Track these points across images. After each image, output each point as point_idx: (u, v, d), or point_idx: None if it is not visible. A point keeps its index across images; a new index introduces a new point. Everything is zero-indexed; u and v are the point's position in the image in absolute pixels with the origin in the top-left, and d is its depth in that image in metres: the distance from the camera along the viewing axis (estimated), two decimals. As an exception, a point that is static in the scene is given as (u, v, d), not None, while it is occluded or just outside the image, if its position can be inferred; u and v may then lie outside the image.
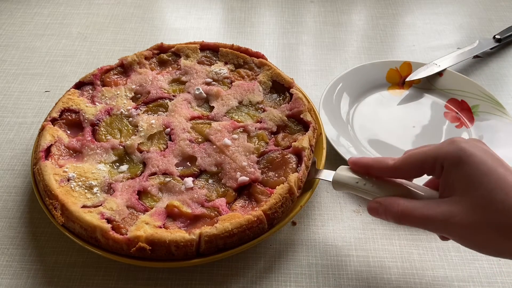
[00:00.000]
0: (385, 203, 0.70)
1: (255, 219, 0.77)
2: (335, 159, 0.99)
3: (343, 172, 0.78)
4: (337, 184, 0.78)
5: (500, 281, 0.81)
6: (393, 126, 1.07)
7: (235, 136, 0.92)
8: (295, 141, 0.90)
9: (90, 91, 1.03)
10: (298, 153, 0.88)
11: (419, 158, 0.68)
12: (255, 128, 0.94)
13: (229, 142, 0.90)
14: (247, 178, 0.85)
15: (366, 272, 0.82)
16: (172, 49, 1.11)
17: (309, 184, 0.86)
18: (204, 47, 1.12)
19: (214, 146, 0.91)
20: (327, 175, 0.82)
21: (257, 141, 0.92)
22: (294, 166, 0.87)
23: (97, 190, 0.84)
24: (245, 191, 0.85)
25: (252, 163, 0.88)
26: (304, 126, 0.96)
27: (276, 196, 0.80)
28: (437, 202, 0.65)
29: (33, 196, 0.93)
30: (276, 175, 0.86)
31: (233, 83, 1.04)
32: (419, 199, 0.68)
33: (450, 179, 0.64)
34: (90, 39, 1.33)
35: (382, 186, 0.73)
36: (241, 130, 0.94)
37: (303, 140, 0.89)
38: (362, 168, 0.75)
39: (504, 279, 0.81)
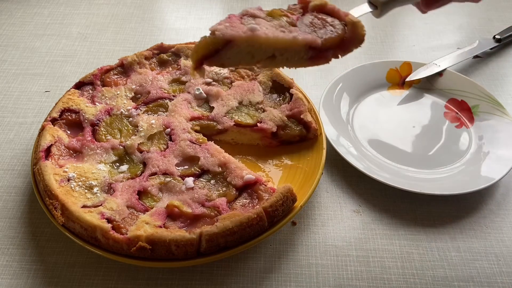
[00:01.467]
0: None
1: (255, 216, 0.77)
2: (335, 159, 0.99)
3: None
4: (387, 3, 0.74)
5: (500, 281, 0.81)
6: (393, 126, 1.07)
7: (252, 22, 0.72)
8: (307, 4, 0.78)
9: (90, 91, 1.03)
10: (324, 11, 0.77)
11: None
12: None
13: (257, 26, 0.70)
14: (253, 177, 0.85)
15: (366, 272, 0.82)
16: (172, 49, 1.11)
17: (309, 182, 0.87)
18: (204, 47, 1.12)
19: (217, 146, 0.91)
20: (365, 8, 0.77)
21: (279, 18, 0.75)
22: (336, 21, 0.75)
23: (97, 190, 0.84)
24: (247, 190, 0.85)
25: (297, 33, 0.72)
26: (305, 126, 0.96)
27: (277, 195, 0.80)
28: None
29: (33, 196, 0.93)
30: (330, 30, 0.74)
31: (233, 83, 1.04)
32: None
33: None
34: (90, 39, 1.33)
35: None
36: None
37: None
38: None
39: (504, 279, 0.81)
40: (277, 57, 0.71)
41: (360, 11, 0.78)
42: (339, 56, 0.75)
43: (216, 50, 0.68)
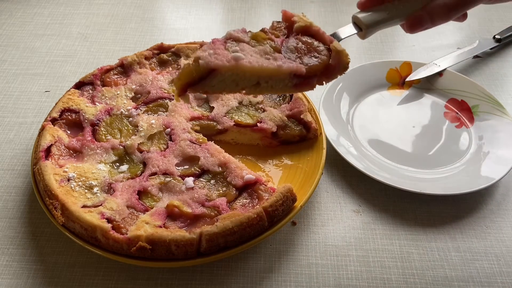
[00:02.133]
0: (427, 9, 0.71)
1: (255, 216, 0.77)
2: (335, 159, 0.99)
3: (365, 14, 0.75)
4: (371, 26, 0.75)
5: (500, 281, 0.81)
6: (393, 126, 1.07)
7: (235, 48, 0.72)
8: (292, 24, 0.78)
9: (90, 91, 1.03)
10: (308, 33, 0.77)
11: None
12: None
13: (241, 55, 0.70)
14: (253, 177, 0.85)
15: (366, 272, 0.82)
16: (172, 49, 1.11)
17: (309, 182, 0.86)
18: (204, 47, 1.12)
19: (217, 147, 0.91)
20: (350, 30, 0.78)
21: (263, 43, 0.74)
22: (321, 47, 0.75)
23: (97, 190, 0.84)
24: (247, 190, 0.85)
25: (282, 61, 0.71)
26: (305, 126, 0.96)
27: (277, 194, 0.80)
28: None
29: (33, 196, 0.93)
30: (314, 57, 0.74)
31: (233, 83, 1.04)
32: None
33: None
34: (90, 39, 1.33)
35: (412, 1, 0.73)
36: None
37: (302, 19, 0.78)
38: None
39: (504, 279, 0.81)
40: (261, 85, 0.72)
41: (346, 33, 0.78)
42: (324, 82, 0.76)
43: (200, 77, 0.68)
